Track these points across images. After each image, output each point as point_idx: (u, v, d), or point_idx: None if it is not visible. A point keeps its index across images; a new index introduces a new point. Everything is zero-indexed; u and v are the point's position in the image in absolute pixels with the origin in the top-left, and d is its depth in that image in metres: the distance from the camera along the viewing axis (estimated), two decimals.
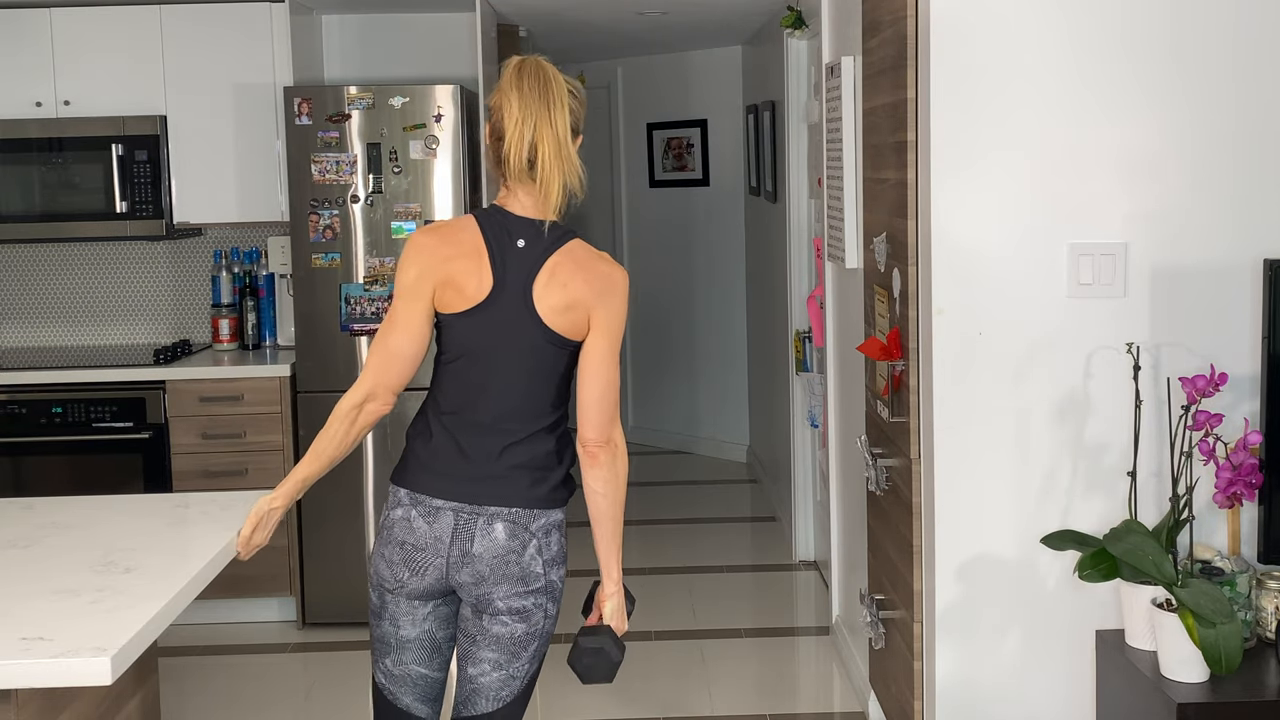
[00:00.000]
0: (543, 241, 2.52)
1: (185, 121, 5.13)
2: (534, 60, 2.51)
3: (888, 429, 3.58)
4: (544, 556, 2.56)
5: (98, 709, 2.59)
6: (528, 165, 2.48)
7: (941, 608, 3.19)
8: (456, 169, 4.89)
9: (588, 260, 2.54)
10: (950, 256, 3.11)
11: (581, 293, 2.51)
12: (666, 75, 7.87)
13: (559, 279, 2.51)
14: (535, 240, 2.52)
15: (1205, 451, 2.90)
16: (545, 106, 2.47)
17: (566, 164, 2.49)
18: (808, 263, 5.56)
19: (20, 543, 2.67)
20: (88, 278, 5.58)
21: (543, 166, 2.47)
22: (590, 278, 2.52)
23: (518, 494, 2.54)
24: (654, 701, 4.30)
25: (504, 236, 2.53)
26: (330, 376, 4.93)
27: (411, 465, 2.59)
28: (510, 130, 2.47)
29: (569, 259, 2.52)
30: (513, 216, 2.54)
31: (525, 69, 2.49)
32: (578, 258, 2.53)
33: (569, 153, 2.49)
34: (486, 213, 2.56)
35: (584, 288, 2.51)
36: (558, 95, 2.48)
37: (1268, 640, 2.93)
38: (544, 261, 2.51)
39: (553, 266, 2.51)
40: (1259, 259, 3.05)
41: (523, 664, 2.59)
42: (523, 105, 2.46)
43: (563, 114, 2.48)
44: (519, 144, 2.46)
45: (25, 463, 4.92)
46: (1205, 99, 3.05)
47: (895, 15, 3.34)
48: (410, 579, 2.57)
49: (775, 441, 6.53)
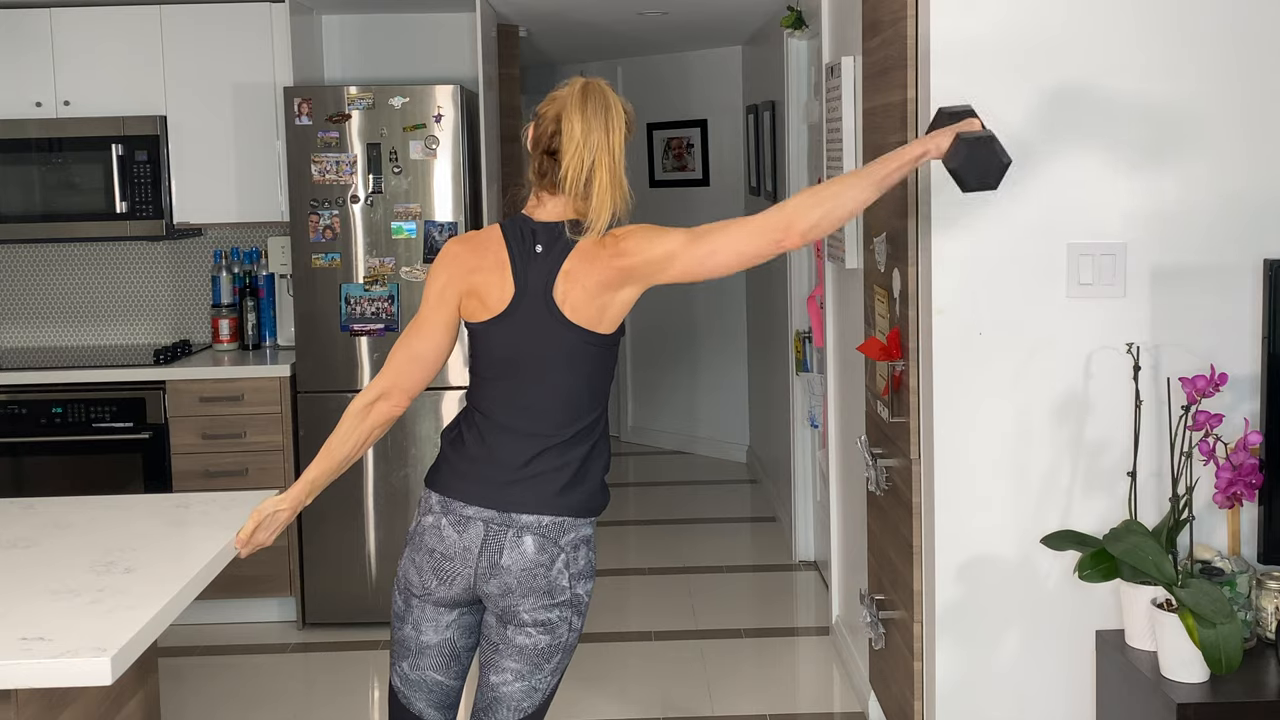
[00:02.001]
0: (559, 245, 2.54)
1: (185, 121, 5.13)
2: (598, 84, 2.54)
3: (888, 429, 3.58)
4: (571, 571, 2.56)
5: (98, 709, 2.59)
6: (584, 186, 2.51)
7: (941, 608, 3.19)
8: (456, 169, 4.89)
9: (594, 250, 2.54)
10: (950, 256, 3.11)
11: (601, 279, 2.53)
12: (666, 75, 7.87)
13: (575, 278, 2.53)
14: (552, 244, 2.55)
15: (1205, 452, 2.90)
16: (605, 133, 2.50)
17: (617, 189, 2.51)
18: (808, 263, 5.56)
19: (20, 543, 2.67)
20: (88, 278, 5.58)
21: (599, 191, 2.50)
22: (601, 264, 2.53)
23: (546, 500, 2.54)
24: (654, 701, 4.30)
25: (525, 245, 2.56)
26: (330, 376, 4.94)
27: (443, 469, 2.61)
28: (570, 153, 2.49)
29: (579, 259, 2.54)
30: (534, 223, 2.57)
31: (591, 92, 2.52)
32: (586, 253, 2.54)
33: (621, 178, 2.52)
34: (512, 222, 2.60)
35: (601, 275, 2.52)
36: (616, 122, 2.52)
37: (1268, 640, 2.93)
38: (560, 264, 2.53)
39: (567, 269, 2.53)
40: (1259, 259, 3.05)
41: (545, 676, 2.60)
42: (585, 129, 2.49)
43: (619, 139, 2.52)
44: (578, 167, 2.49)
45: (25, 463, 4.92)
46: (1205, 98, 3.05)
47: (895, 15, 3.34)
48: (438, 587, 2.58)
49: (775, 441, 6.53)
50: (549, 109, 2.55)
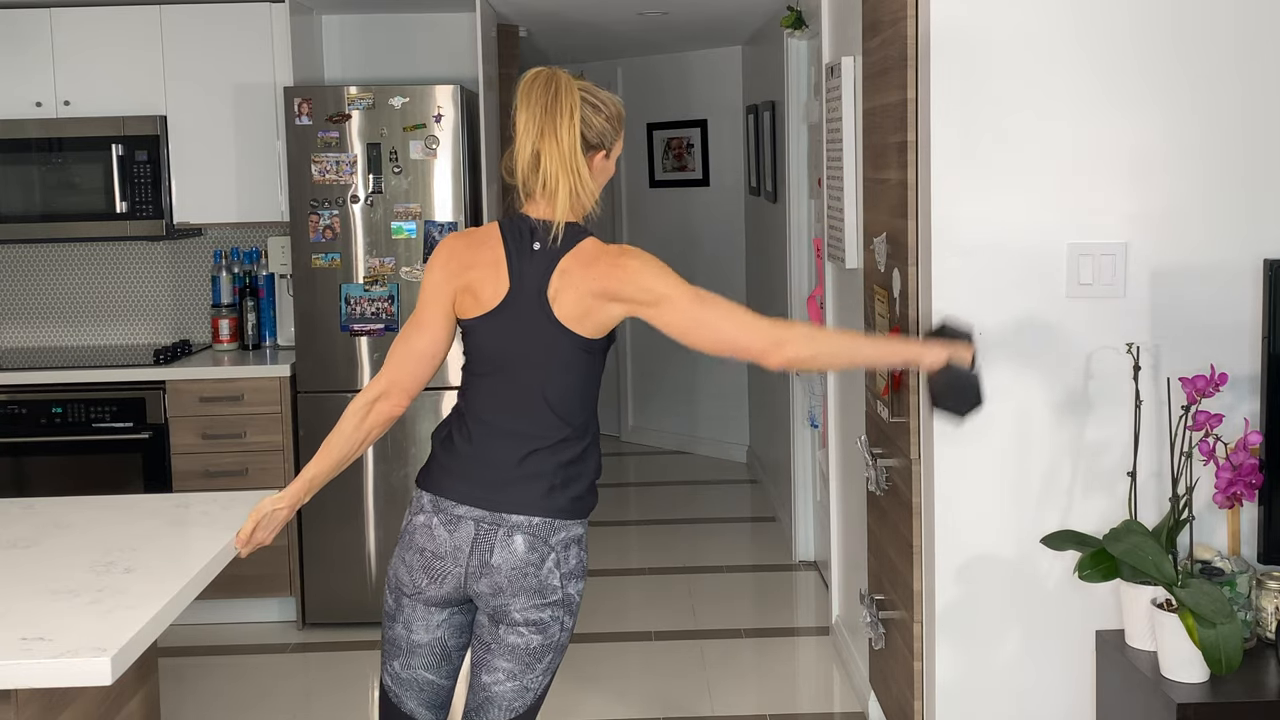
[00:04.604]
0: (557, 245, 2.53)
1: (185, 121, 5.14)
2: (547, 72, 2.53)
3: (888, 429, 3.58)
4: (562, 570, 2.55)
5: (98, 709, 2.59)
6: (532, 173, 2.51)
7: (941, 608, 3.19)
8: (456, 169, 4.89)
9: (595, 258, 2.52)
10: (950, 256, 3.11)
11: (592, 291, 2.50)
12: (666, 75, 7.87)
13: (570, 280, 2.51)
14: (549, 242, 2.53)
15: (1205, 452, 2.90)
16: (551, 116, 2.49)
17: (574, 175, 2.50)
18: (808, 263, 5.56)
19: (20, 543, 2.67)
20: (88, 278, 5.58)
21: (544, 174, 2.49)
22: (599, 275, 2.51)
23: (536, 501, 2.53)
24: (654, 701, 4.30)
25: (522, 242, 2.55)
26: (330, 376, 4.94)
27: (434, 468, 2.61)
28: (516, 139, 2.51)
29: (576, 260, 2.52)
30: (531, 220, 2.56)
31: (536, 81, 2.52)
32: (585, 258, 2.52)
33: (577, 165, 2.50)
34: (509, 219, 2.59)
35: (593, 286, 2.50)
36: (566, 106, 2.49)
37: (1268, 640, 2.93)
38: (556, 264, 2.52)
39: (563, 269, 2.51)
40: (1259, 259, 3.05)
41: (537, 675, 2.59)
42: (528, 118, 2.50)
43: (569, 125, 2.49)
44: (523, 153, 2.50)
45: (25, 463, 4.92)
46: (1205, 98, 3.05)
47: (895, 15, 3.34)
48: (428, 585, 2.57)
49: (775, 441, 6.53)
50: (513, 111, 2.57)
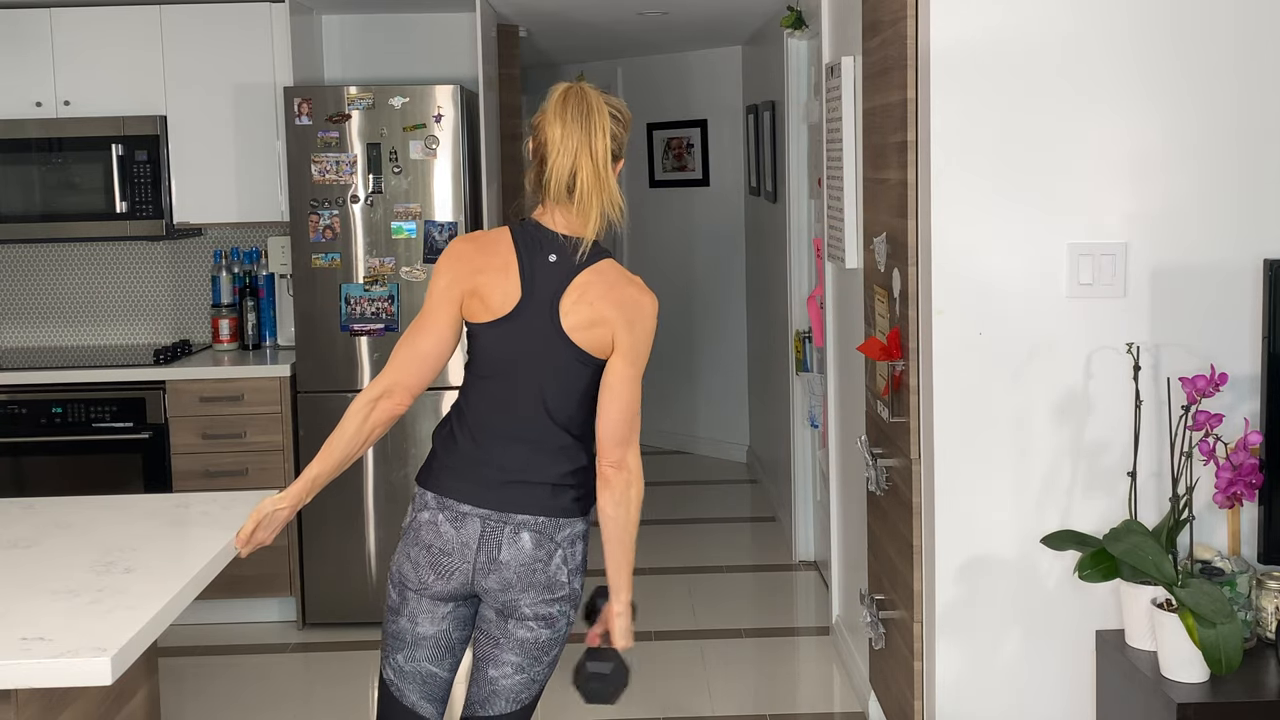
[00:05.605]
0: (575, 258, 2.54)
1: (185, 121, 5.13)
2: (579, 88, 2.55)
3: (888, 429, 3.58)
4: (569, 566, 2.61)
5: (98, 709, 2.59)
6: (566, 191, 2.52)
7: (941, 608, 3.19)
8: (456, 169, 4.89)
9: (618, 282, 2.56)
10: (950, 256, 3.11)
11: (607, 312, 2.54)
12: (666, 75, 7.87)
13: (587, 297, 2.53)
14: (567, 257, 2.55)
15: (1205, 451, 2.90)
16: (586, 136, 2.51)
17: (605, 192, 2.53)
18: (808, 263, 5.56)
19: (20, 543, 2.67)
20: (88, 278, 5.58)
21: (581, 193, 2.52)
22: (618, 299, 2.54)
23: (540, 502, 2.57)
24: (654, 701, 4.30)
25: (536, 251, 2.56)
26: (330, 377, 4.94)
27: (436, 469, 2.62)
28: (552, 157, 2.52)
29: (599, 278, 2.54)
30: (547, 231, 2.57)
31: (569, 97, 2.53)
32: (608, 278, 2.55)
33: (608, 181, 2.53)
34: (522, 226, 2.60)
35: (610, 308, 2.54)
36: (599, 123, 2.52)
37: (1268, 640, 2.93)
38: (574, 278, 2.54)
39: (582, 284, 2.54)
40: (1259, 259, 3.05)
41: (543, 667, 2.65)
42: (565, 134, 2.51)
43: (603, 141, 2.52)
44: (560, 172, 2.51)
45: (25, 463, 4.92)
46: (1205, 98, 3.05)
47: (895, 15, 3.34)
48: (435, 581, 2.58)
49: (775, 441, 6.52)
50: (539, 119, 2.57)
